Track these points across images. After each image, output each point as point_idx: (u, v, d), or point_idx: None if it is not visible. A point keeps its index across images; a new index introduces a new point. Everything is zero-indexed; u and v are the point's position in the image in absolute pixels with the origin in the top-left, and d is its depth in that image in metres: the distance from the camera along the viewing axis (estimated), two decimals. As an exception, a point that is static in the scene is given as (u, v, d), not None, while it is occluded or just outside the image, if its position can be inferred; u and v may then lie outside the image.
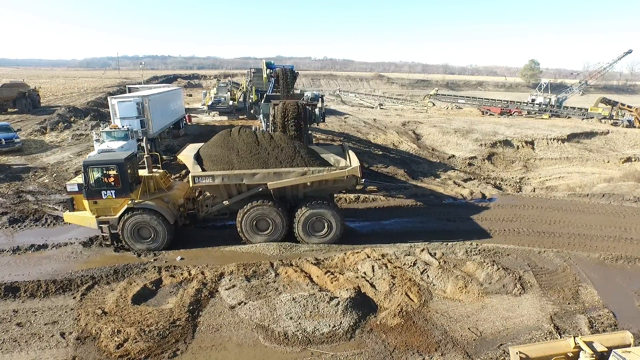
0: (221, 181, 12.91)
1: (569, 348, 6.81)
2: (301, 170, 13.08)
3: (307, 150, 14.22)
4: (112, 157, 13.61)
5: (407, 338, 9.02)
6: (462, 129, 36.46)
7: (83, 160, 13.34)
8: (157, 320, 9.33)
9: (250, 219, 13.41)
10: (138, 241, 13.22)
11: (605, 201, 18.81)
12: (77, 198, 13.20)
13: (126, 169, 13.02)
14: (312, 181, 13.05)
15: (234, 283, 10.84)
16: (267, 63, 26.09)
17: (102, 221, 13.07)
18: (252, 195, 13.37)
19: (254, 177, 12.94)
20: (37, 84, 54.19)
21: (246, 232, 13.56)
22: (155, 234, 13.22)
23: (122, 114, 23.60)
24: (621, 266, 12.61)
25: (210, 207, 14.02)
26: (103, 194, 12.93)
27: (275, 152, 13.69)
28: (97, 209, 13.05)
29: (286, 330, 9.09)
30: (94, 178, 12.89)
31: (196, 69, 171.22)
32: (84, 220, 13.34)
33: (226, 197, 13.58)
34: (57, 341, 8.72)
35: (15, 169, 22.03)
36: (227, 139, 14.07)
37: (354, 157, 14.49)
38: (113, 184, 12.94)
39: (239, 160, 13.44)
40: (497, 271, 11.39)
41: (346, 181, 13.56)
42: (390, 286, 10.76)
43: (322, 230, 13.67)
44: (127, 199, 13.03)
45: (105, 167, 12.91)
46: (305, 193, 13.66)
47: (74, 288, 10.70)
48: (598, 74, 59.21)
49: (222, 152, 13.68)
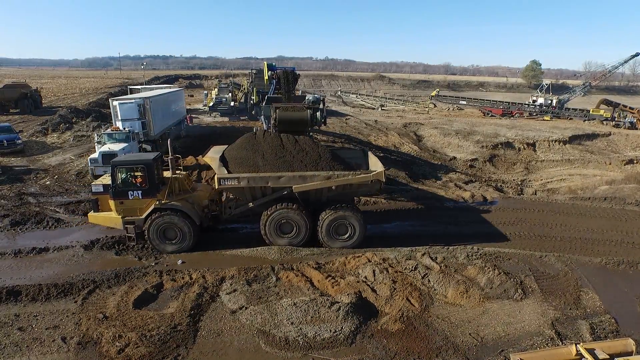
0: (247, 183, 12.95)
1: (570, 355, 6.79)
2: (326, 174, 13.13)
3: (331, 154, 14.28)
4: (141, 158, 13.74)
5: (408, 343, 9.01)
6: (464, 131, 36.44)
7: (111, 161, 13.43)
8: (158, 324, 9.34)
9: (275, 222, 13.39)
10: (163, 242, 13.22)
11: (607, 204, 18.76)
12: (102, 198, 13.30)
13: (154, 170, 13.09)
14: (337, 185, 13.07)
15: (235, 287, 10.84)
16: (268, 65, 26.10)
17: (128, 221, 13.12)
18: (276, 198, 13.36)
19: (280, 180, 12.99)
20: (38, 84, 54.35)
21: (270, 235, 13.54)
22: (182, 235, 13.22)
23: (124, 116, 23.60)
24: (623, 271, 12.57)
25: (233, 209, 14.01)
26: (129, 195, 12.96)
27: (300, 156, 13.76)
28: (123, 210, 13.09)
29: (287, 335, 9.08)
30: (121, 178, 12.94)
31: (197, 69, 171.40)
32: (109, 221, 13.42)
33: (250, 200, 13.57)
34: (58, 346, 8.73)
35: (16, 170, 22.06)
36: (252, 142, 14.12)
37: (378, 161, 14.56)
38: (140, 185, 12.99)
39: (264, 162, 13.51)
40: (498, 276, 11.37)
41: (370, 185, 13.60)
42: (391, 291, 10.75)
43: (346, 234, 13.65)
44: (154, 199, 13.07)
45: (133, 167, 12.99)
46: (329, 197, 13.66)
47: (75, 292, 10.70)
48: (603, 76, 59.04)
49: (247, 154, 13.74)
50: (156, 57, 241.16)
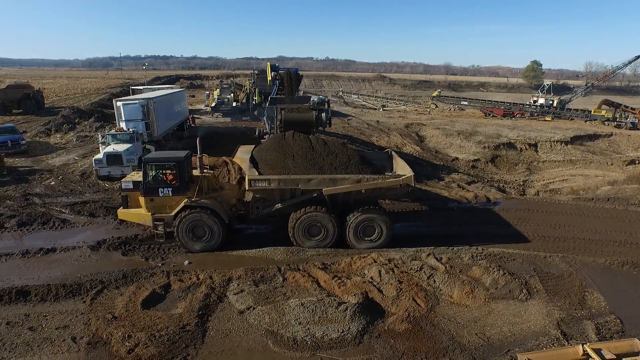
0: (277, 185, 13.01)
1: (577, 355, 6.86)
2: (356, 177, 13.20)
3: (360, 157, 14.34)
4: (172, 155, 13.90)
5: (415, 343, 9.09)
6: (465, 131, 36.46)
7: (143, 157, 13.59)
8: (167, 325, 9.42)
9: (303, 224, 13.43)
10: (192, 240, 13.32)
11: (610, 205, 18.84)
12: (131, 195, 13.46)
13: (185, 167, 13.23)
14: (367, 188, 13.12)
15: (242, 288, 10.92)
16: (272, 66, 26.23)
17: (158, 218, 13.26)
18: (304, 200, 13.42)
19: (310, 183, 13.05)
20: (40, 85, 54.40)
21: (297, 237, 13.59)
22: (211, 233, 13.31)
23: (127, 117, 23.69)
24: (627, 271, 12.65)
25: (261, 210, 14.05)
26: (160, 192, 13.09)
27: (329, 158, 13.86)
28: (152, 207, 13.23)
29: (295, 335, 9.16)
30: (152, 175, 13.07)
31: (198, 69, 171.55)
32: (138, 217, 13.59)
33: (278, 201, 13.62)
34: (68, 346, 8.81)
35: (21, 171, 22.12)
36: (282, 143, 14.23)
37: (405, 165, 14.59)
38: (171, 182, 13.13)
39: (294, 165, 13.62)
40: (503, 276, 11.45)
41: (399, 189, 13.69)
42: (397, 291, 10.82)
43: (373, 235, 13.71)
44: (184, 197, 13.20)
45: (164, 164, 13.15)
46: (355, 199, 13.70)
47: (83, 292, 10.78)
48: (606, 76, 59.03)
49: (277, 156, 13.84)
50: (157, 57, 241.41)
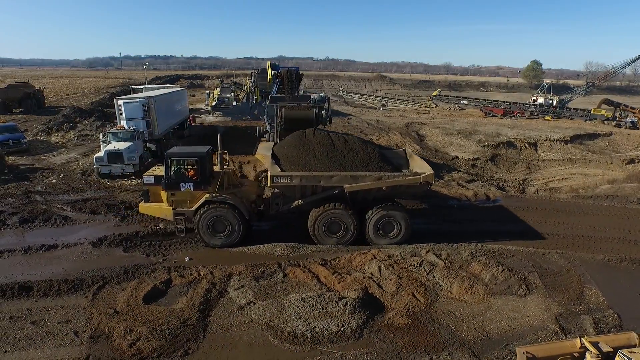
0: (299, 182, 13.09)
1: (574, 348, 6.92)
2: (377, 175, 13.29)
3: (379, 155, 14.44)
4: (194, 150, 13.99)
5: (415, 338, 9.16)
6: (465, 130, 36.54)
7: (165, 152, 13.65)
8: (168, 319, 9.49)
9: (324, 222, 13.49)
10: (212, 235, 13.45)
11: (609, 203, 18.92)
12: (152, 190, 13.67)
13: (207, 163, 13.35)
14: (387, 186, 13.19)
15: (242, 283, 10.99)
16: (272, 65, 26.33)
17: (179, 213, 13.39)
18: (324, 197, 13.50)
19: (332, 179, 13.12)
20: (41, 84, 54.53)
21: (318, 234, 13.65)
22: (231, 228, 13.42)
23: (128, 115, 23.75)
24: (625, 268, 12.71)
25: (280, 206, 14.13)
26: (181, 186, 13.22)
27: (350, 156, 13.94)
28: (174, 201, 13.37)
29: (295, 329, 9.23)
30: (174, 170, 13.20)
31: (198, 69, 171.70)
32: (159, 211, 13.77)
33: (298, 197, 13.70)
34: (71, 339, 8.89)
35: (22, 169, 22.24)
36: (303, 141, 14.33)
37: (424, 163, 14.65)
38: (193, 177, 13.25)
39: (316, 161, 13.71)
40: (502, 272, 11.52)
41: (418, 187, 13.75)
42: (397, 287, 10.90)
43: (392, 232, 13.79)
44: (205, 192, 13.32)
45: (187, 159, 13.27)
46: (375, 197, 13.76)
47: (85, 287, 10.86)
48: (608, 76, 59.10)
49: (298, 153, 13.94)
50: (157, 57, 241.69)
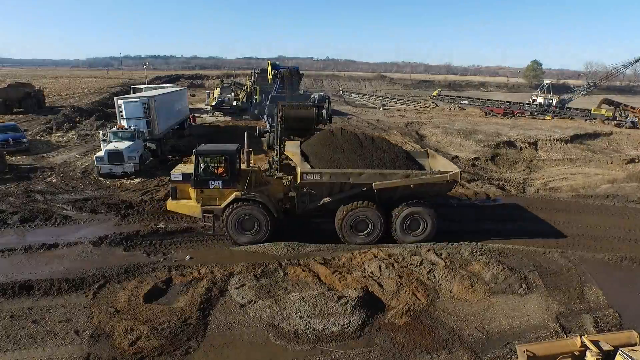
0: (328, 179, 13.13)
1: (575, 347, 6.94)
2: (405, 173, 13.34)
3: (405, 154, 14.47)
4: (224, 148, 13.99)
5: (415, 336, 9.16)
6: (465, 130, 36.57)
7: (195, 150, 13.60)
8: (169, 318, 9.49)
9: (351, 220, 13.50)
10: (240, 232, 13.47)
11: (609, 202, 18.91)
12: (180, 187, 13.68)
13: (236, 160, 13.37)
14: (415, 184, 13.23)
15: (243, 282, 10.99)
16: (272, 64, 26.35)
17: (207, 210, 13.40)
18: (351, 195, 13.52)
19: (360, 177, 13.16)
20: (41, 84, 54.60)
21: (346, 233, 13.66)
22: (259, 226, 13.44)
23: (129, 114, 23.78)
24: (626, 267, 12.72)
25: (307, 204, 14.09)
26: (210, 184, 13.23)
27: (378, 154, 13.99)
28: (202, 198, 13.37)
29: (296, 328, 9.24)
30: (203, 167, 13.21)
31: (198, 69, 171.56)
32: (187, 209, 13.78)
33: (326, 195, 13.69)
34: (72, 338, 8.89)
35: (23, 168, 22.24)
36: (331, 139, 14.41)
37: (449, 162, 14.73)
38: (222, 174, 13.28)
39: (345, 159, 13.75)
40: (502, 271, 11.52)
41: (444, 185, 13.80)
42: (397, 285, 10.90)
43: (418, 229, 13.81)
44: (233, 190, 13.34)
45: (216, 156, 13.30)
46: (401, 195, 13.77)
47: (86, 286, 10.84)
48: (609, 76, 59.12)
49: (327, 150, 14.00)
50: (157, 57, 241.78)
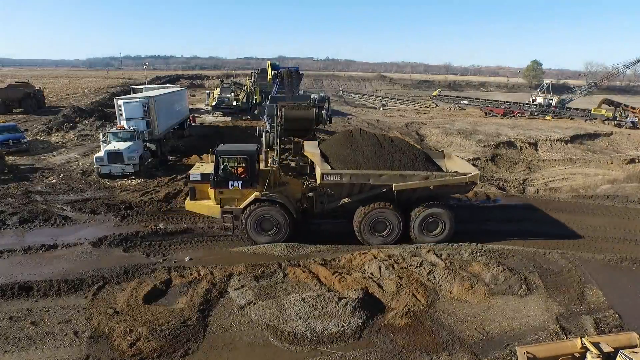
0: (349, 180, 13.15)
1: (575, 348, 6.90)
2: (424, 174, 13.37)
3: (424, 155, 14.54)
4: (244, 148, 13.99)
5: (415, 338, 9.14)
6: (465, 130, 36.56)
7: (215, 150, 13.53)
8: (168, 319, 9.47)
9: (370, 221, 13.53)
10: (259, 233, 13.50)
11: (609, 203, 18.89)
12: (198, 187, 13.70)
13: (255, 161, 13.35)
14: (435, 185, 13.26)
15: (242, 283, 10.97)
16: (272, 64, 26.33)
17: (226, 211, 13.40)
18: (370, 196, 13.55)
19: (380, 178, 13.19)
20: (41, 84, 54.55)
21: (364, 234, 13.68)
22: (278, 226, 13.46)
23: (128, 115, 23.73)
24: (626, 268, 12.69)
25: (326, 205, 14.10)
26: (230, 184, 13.23)
27: (397, 155, 14.02)
28: (221, 199, 13.39)
29: (296, 330, 9.21)
30: (223, 168, 13.23)
31: (198, 69, 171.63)
32: (206, 209, 13.79)
33: (345, 196, 13.72)
34: (71, 340, 8.86)
35: (22, 169, 22.22)
36: (351, 140, 14.46)
37: (466, 163, 14.81)
38: (242, 175, 13.28)
39: (365, 160, 13.78)
40: (502, 272, 11.49)
41: (463, 187, 13.87)
42: (397, 287, 10.88)
43: (436, 230, 13.85)
44: (253, 190, 13.34)
45: (237, 157, 13.33)
46: (419, 196, 13.82)
47: (85, 288, 10.82)
48: (611, 76, 59.08)
49: (347, 151, 14.04)
50: (157, 57, 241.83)
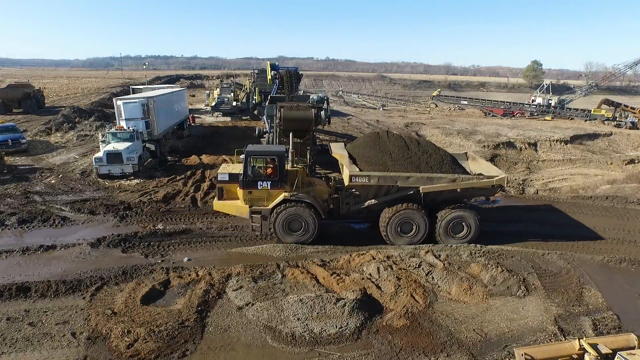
0: (377, 182, 13.20)
1: (573, 350, 6.90)
2: (452, 177, 13.44)
3: (451, 157, 14.59)
4: (274, 149, 14.07)
5: (413, 339, 9.13)
6: (465, 131, 36.53)
7: (245, 150, 13.60)
8: (166, 320, 9.46)
9: (397, 222, 13.58)
10: (287, 233, 13.55)
11: (608, 203, 18.87)
12: (226, 187, 13.76)
13: (284, 161, 13.42)
14: (462, 187, 13.27)
15: (241, 284, 10.96)
16: (271, 65, 26.30)
17: (255, 211, 13.45)
18: (396, 197, 13.60)
19: (408, 180, 13.26)
20: (40, 84, 54.51)
21: (390, 234, 13.74)
22: (306, 227, 13.52)
23: (128, 115, 23.70)
24: (625, 269, 12.68)
25: (352, 206, 14.14)
26: (258, 185, 13.27)
27: (424, 157, 14.09)
28: (250, 199, 13.42)
29: (294, 331, 9.21)
30: (252, 168, 13.28)
31: (198, 69, 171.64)
32: (235, 209, 13.85)
33: (371, 197, 13.78)
34: (68, 341, 8.85)
35: (22, 169, 22.21)
36: (378, 141, 14.51)
37: (491, 165, 14.84)
38: (271, 175, 13.32)
39: (392, 162, 13.83)
40: (501, 273, 11.48)
41: (489, 190, 13.89)
42: (395, 287, 10.87)
43: (462, 232, 13.88)
44: (282, 190, 13.37)
45: (266, 157, 13.37)
46: (445, 198, 13.85)
47: (83, 288, 10.81)
48: (612, 76, 59.03)
49: (375, 153, 14.08)
50: (157, 57, 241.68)
